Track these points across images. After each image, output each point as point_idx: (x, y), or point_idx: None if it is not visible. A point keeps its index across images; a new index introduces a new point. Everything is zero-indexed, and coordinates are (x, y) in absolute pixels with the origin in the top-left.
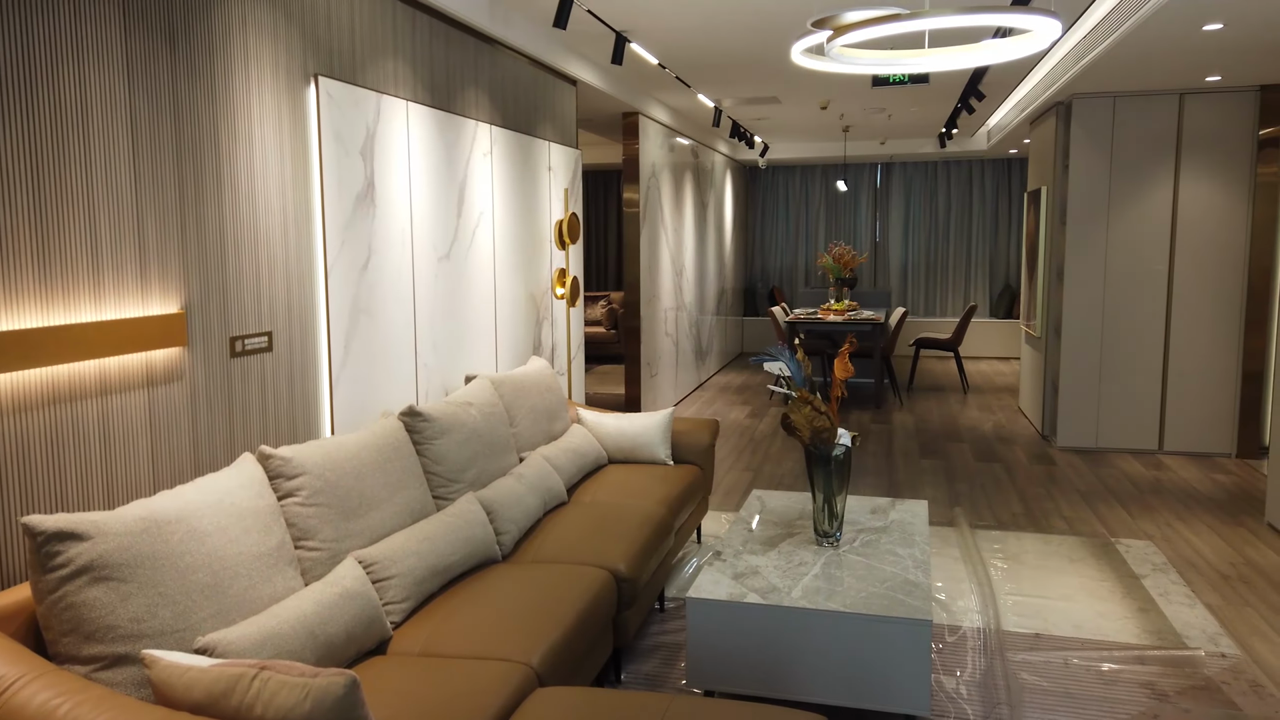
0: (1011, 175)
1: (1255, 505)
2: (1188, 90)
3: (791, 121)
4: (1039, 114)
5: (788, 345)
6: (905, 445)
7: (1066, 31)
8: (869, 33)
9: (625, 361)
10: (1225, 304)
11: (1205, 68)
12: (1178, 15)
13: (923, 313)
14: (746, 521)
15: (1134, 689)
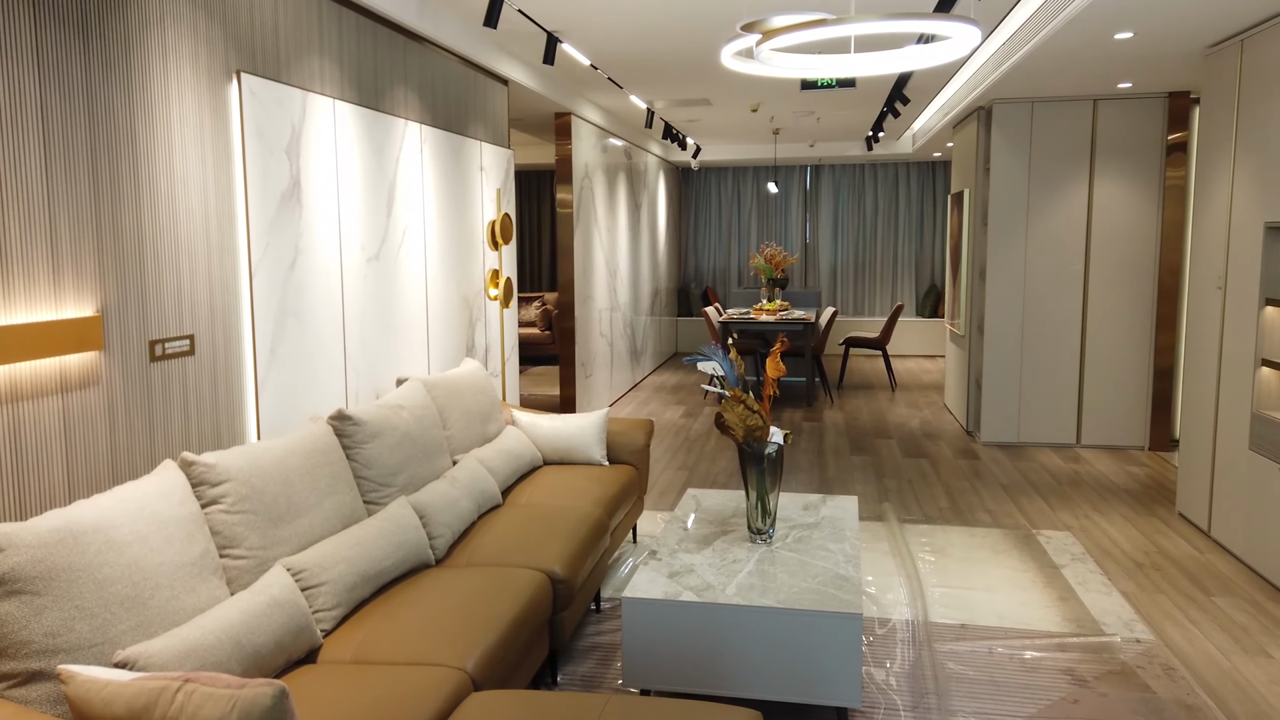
0: (936, 178)
1: (1167, 496)
2: (1101, 96)
3: (723, 123)
4: (961, 118)
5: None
6: (836, 442)
7: (986, 39)
8: (796, 37)
9: (560, 362)
10: (1138, 303)
11: (1117, 75)
12: (1090, 24)
13: (852, 312)
14: (682, 520)
15: (1055, 675)
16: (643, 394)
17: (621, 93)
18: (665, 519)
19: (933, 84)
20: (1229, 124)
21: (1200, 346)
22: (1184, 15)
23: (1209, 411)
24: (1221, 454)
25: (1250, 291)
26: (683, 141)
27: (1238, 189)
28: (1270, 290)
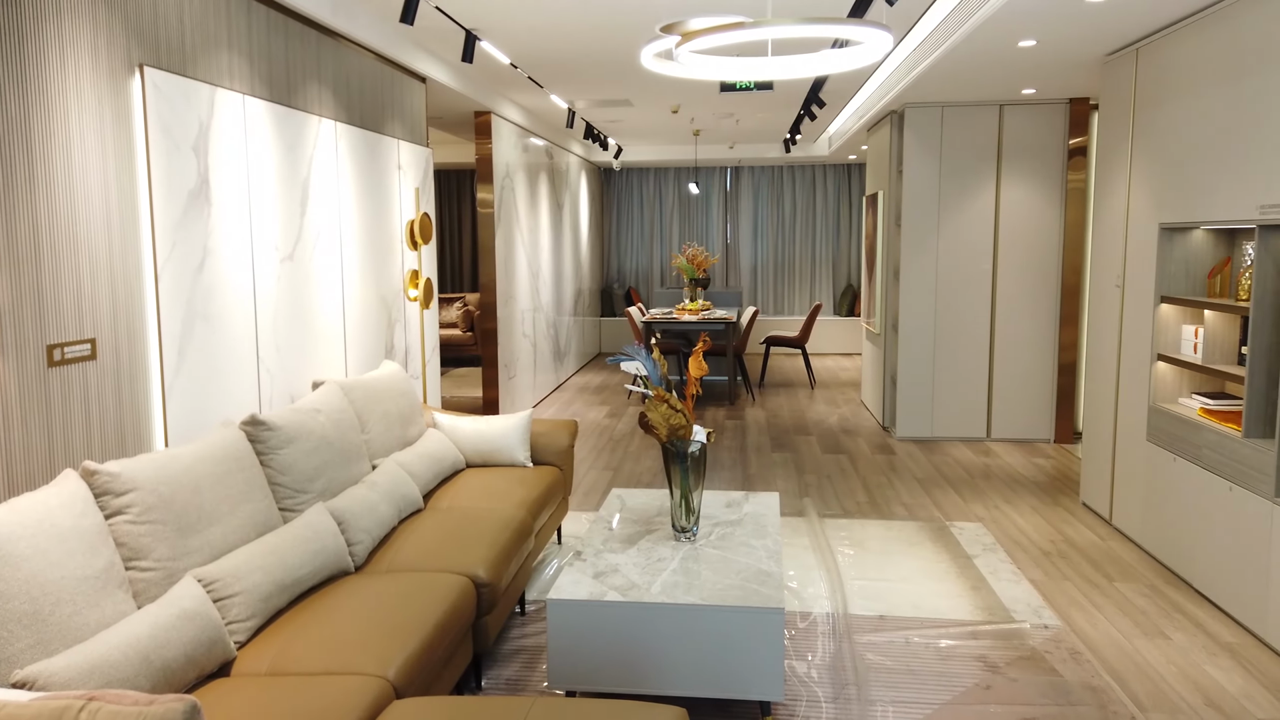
0: (851, 180)
1: (1071, 486)
2: (1007, 102)
3: (644, 124)
4: (875, 122)
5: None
6: (758, 440)
7: (897, 44)
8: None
9: (482, 364)
10: (1042, 301)
11: (1021, 81)
12: (995, 31)
13: (772, 311)
14: (607, 520)
15: (969, 663)
16: (567, 394)
17: (542, 92)
18: (590, 519)
19: (848, 88)
20: (1126, 129)
21: (1101, 343)
22: (1083, 24)
23: (1109, 405)
24: (1121, 445)
25: (1146, 290)
26: (604, 142)
27: (1134, 192)
28: (1165, 288)
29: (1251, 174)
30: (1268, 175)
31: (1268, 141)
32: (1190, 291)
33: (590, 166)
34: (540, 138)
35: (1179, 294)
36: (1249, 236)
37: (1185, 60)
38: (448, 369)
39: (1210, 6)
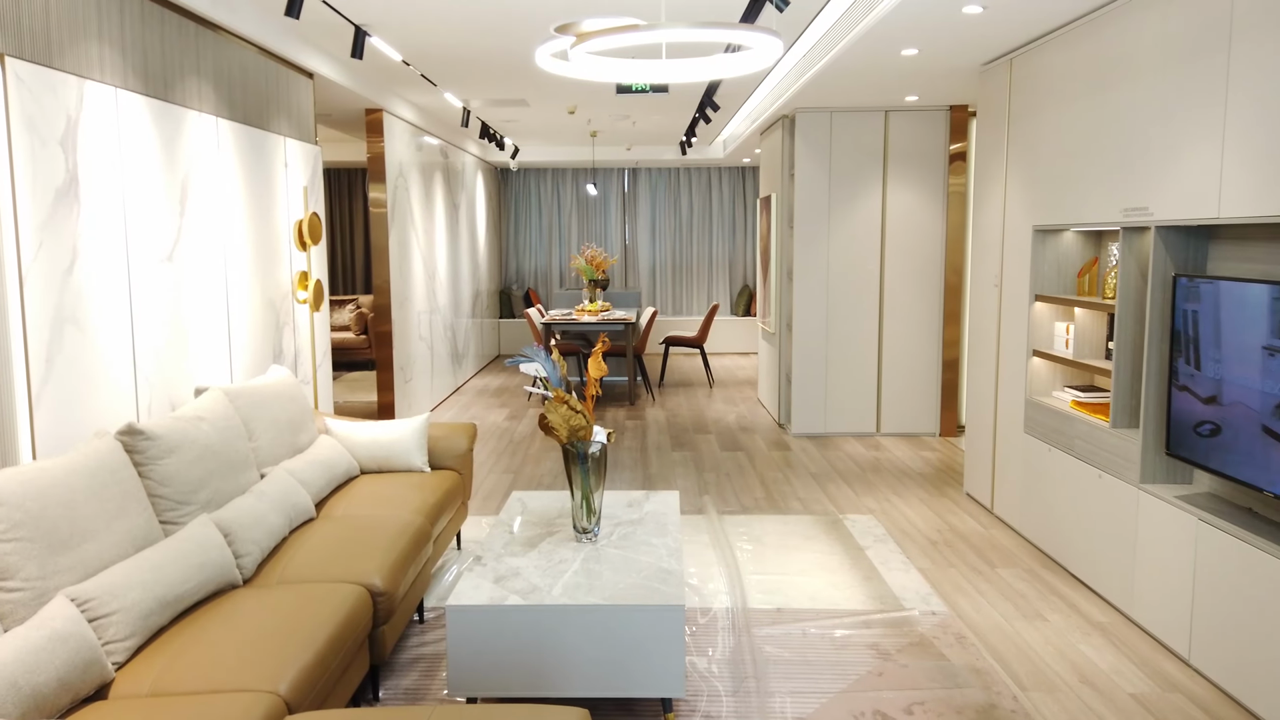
0: (746, 182)
1: (956, 478)
2: (891, 108)
3: (541, 125)
4: (767, 125)
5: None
6: (658, 439)
7: (787, 50)
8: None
9: (377, 367)
10: (927, 300)
11: (904, 88)
12: (879, 40)
13: (671, 312)
14: (507, 524)
15: (862, 651)
16: (465, 397)
17: (436, 90)
18: (491, 523)
19: (741, 92)
20: (1002, 135)
21: (981, 339)
22: (960, 35)
23: (989, 399)
24: (1001, 437)
25: (1022, 288)
26: (500, 142)
27: (1010, 195)
28: (1039, 287)
29: (1115, 179)
30: (1130, 180)
31: (1129, 148)
32: (1061, 290)
33: (487, 166)
34: (435, 136)
35: (1051, 292)
36: (1114, 238)
37: (1054, 71)
38: (340, 373)
39: (1075, 21)
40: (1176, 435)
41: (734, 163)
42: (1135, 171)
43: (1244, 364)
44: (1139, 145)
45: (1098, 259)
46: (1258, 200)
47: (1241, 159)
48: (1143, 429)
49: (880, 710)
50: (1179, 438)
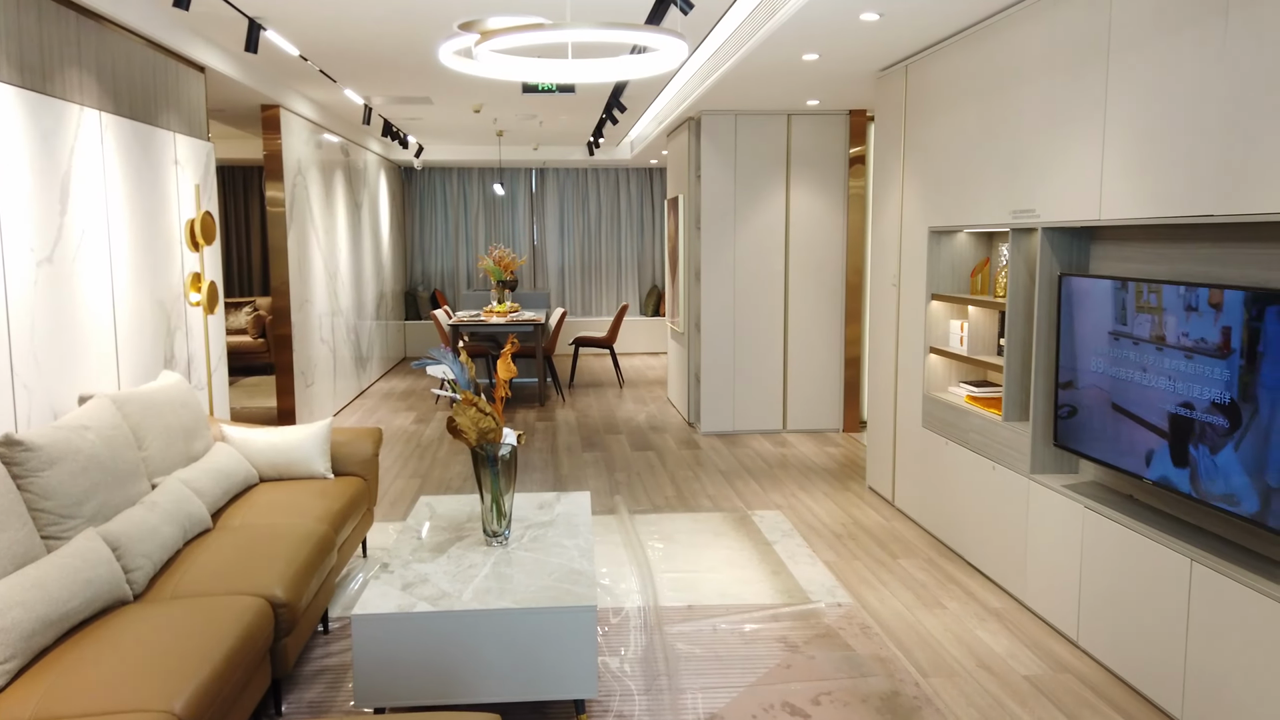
0: (654, 183)
1: (859, 472)
2: (794, 112)
3: (446, 123)
4: (674, 127)
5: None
6: (568, 440)
7: (692, 53)
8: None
9: (277, 372)
10: (829, 299)
11: (806, 92)
12: (782, 45)
13: (580, 313)
14: (415, 529)
15: (771, 644)
16: (370, 401)
17: (336, 86)
18: (398, 529)
19: (648, 94)
20: (898, 139)
21: (880, 337)
22: (858, 41)
23: (889, 395)
24: (901, 432)
25: (919, 288)
26: (404, 140)
27: (906, 197)
28: (935, 286)
29: (1005, 182)
30: (1018, 184)
31: (1017, 153)
32: (956, 289)
33: (390, 165)
34: (335, 134)
35: (947, 292)
36: (1005, 239)
37: (947, 77)
38: (237, 378)
39: (966, 30)
40: (1063, 427)
41: (642, 164)
42: (1023, 175)
43: (1096, 351)
44: (1026, 150)
45: (989, 259)
46: (1134, 204)
47: (1119, 164)
48: (1032, 422)
49: (789, 702)
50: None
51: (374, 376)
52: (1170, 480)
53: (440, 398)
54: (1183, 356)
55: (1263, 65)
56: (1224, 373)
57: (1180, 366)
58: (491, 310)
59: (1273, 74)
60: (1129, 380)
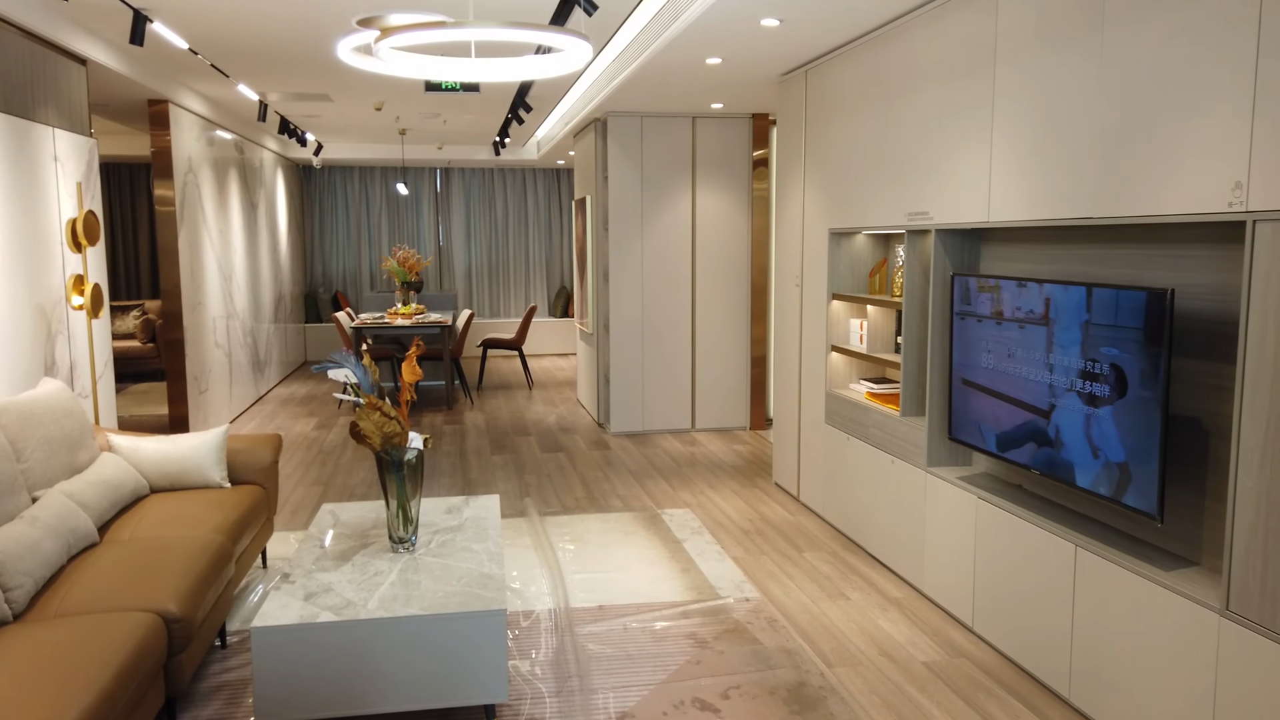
0: (561, 184)
1: (766, 469)
2: (699, 115)
3: (346, 121)
4: (580, 128)
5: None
6: (477, 443)
7: (597, 54)
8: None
9: (168, 378)
10: (735, 299)
11: (710, 96)
12: (685, 48)
13: (488, 314)
14: (318, 538)
15: (681, 641)
16: (269, 407)
17: (229, 82)
18: (299, 539)
19: (554, 94)
20: (799, 143)
21: (785, 336)
22: (760, 46)
23: (794, 392)
24: (805, 428)
25: (821, 288)
26: (302, 138)
27: (808, 200)
28: (836, 286)
29: (900, 185)
30: (913, 187)
31: (912, 157)
32: (855, 289)
33: (288, 163)
34: (229, 131)
35: (847, 291)
36: (901, 240)
37: (845, 83)
38: (126, 385)
39: (863, 36)
40: (956, 421)
41: (548, 164)
42: (917, 179)
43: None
44: (920, 154)
45: (886, 260)
46: (1020, 207)
47: (1006, 169)
48: (928, 416)
49: (699, 697)
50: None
51: (272, 381)
52: (1047, 469)
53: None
54: (1057, 352)
55: (1135, 78)
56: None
57: (1055, 361)
58: (396, 312)
59: (1143, 86)
60: (1011, 375)
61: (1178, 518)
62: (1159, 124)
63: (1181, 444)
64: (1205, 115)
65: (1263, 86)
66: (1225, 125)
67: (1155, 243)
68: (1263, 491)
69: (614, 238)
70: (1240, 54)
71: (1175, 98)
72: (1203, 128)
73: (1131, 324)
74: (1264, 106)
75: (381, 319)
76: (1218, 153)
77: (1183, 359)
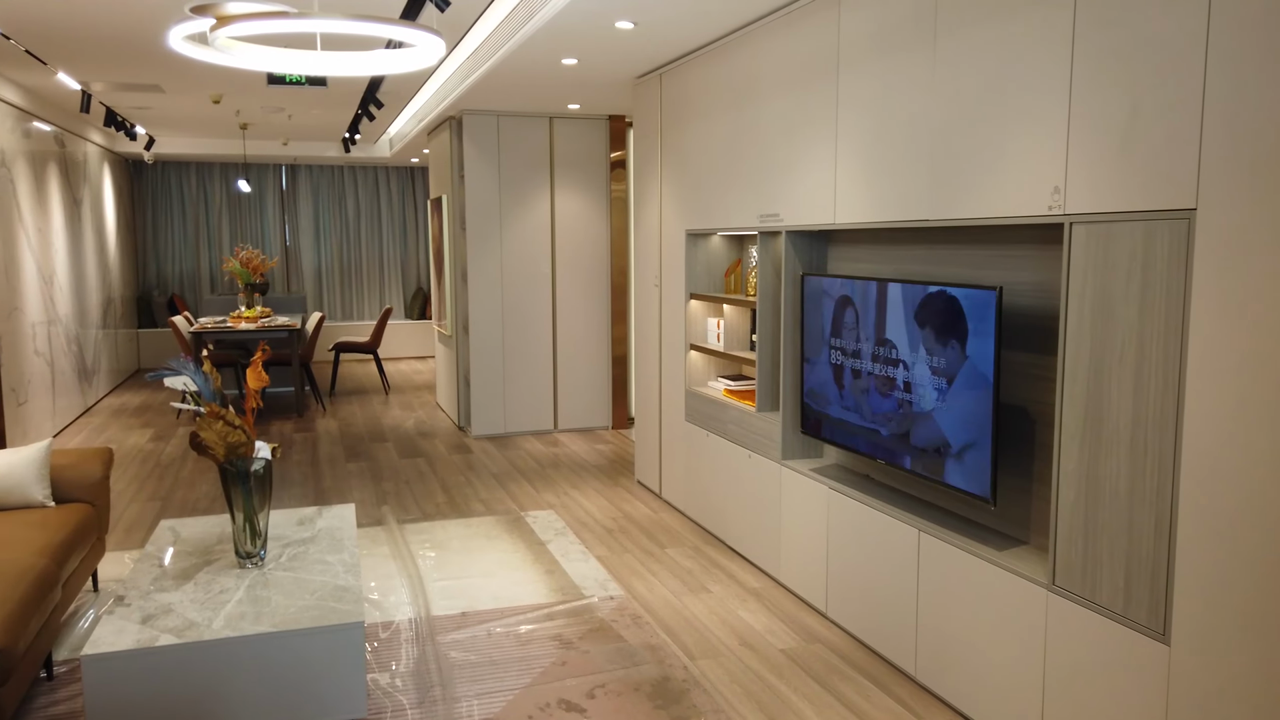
0: (416, 182)
1: (628, 467)
2: (556, 115)
3: (181, 113)
4: (435, 126)
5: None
6: (331, 451)
7: (451, 51)
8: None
9: None
10: (596, 299)
11: (567, 96)
12: (540, 48)
13: (341, 317)
14: (156, 557)
15: (546, 643)
16: (99, 419)
17: (46, 69)
18: (135, 558)
19: (407, 90)
20: (655, 145)
21: (645, 336)
22: (614, 48)
23: (655, 391)
24: (666, 426)
25: (679, 288)
26: (131, 131)
27: (665, 201)
28: (693, 286)
29: (753, 188)
30: (764, 189)
31: (763, 161)
32: (712, 289)
33: (116, 158)
34: (48, 123)
35: (704, 291)
36: (754, 241)
37: (699, 86)
38: None
39: (715, 42)
40: (808, 415)
41: (402, 162)
42: (769, 182)
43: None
44: (771, 158)
45: (741, 260)
46: (863, 209)
47: (850, 173)
48: (782, 412)
49: (564, 698)
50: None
51: (102, 391)
52: (891, 458)
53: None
54: (898, 347)
55: (964, 89)
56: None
57: (895, 356)
58: (239, 316)
59: (972, 97)
60: (856, 370)
61: (1009, 501)
62: (987, 132)
63: (1011, 431)
64: (1027, 125)
65: (1077, 98)
66: (1045, 134)
67: (987, 244)
68: (1082, 474)
69: (472, 238)
70: (1057, 68)
71: (1000, 108)
72: (1025, 136)
73: (965, 320)
74: (1078, 117)
75: (224, 323)
76: (1038, 159)
77: (1011, 352)
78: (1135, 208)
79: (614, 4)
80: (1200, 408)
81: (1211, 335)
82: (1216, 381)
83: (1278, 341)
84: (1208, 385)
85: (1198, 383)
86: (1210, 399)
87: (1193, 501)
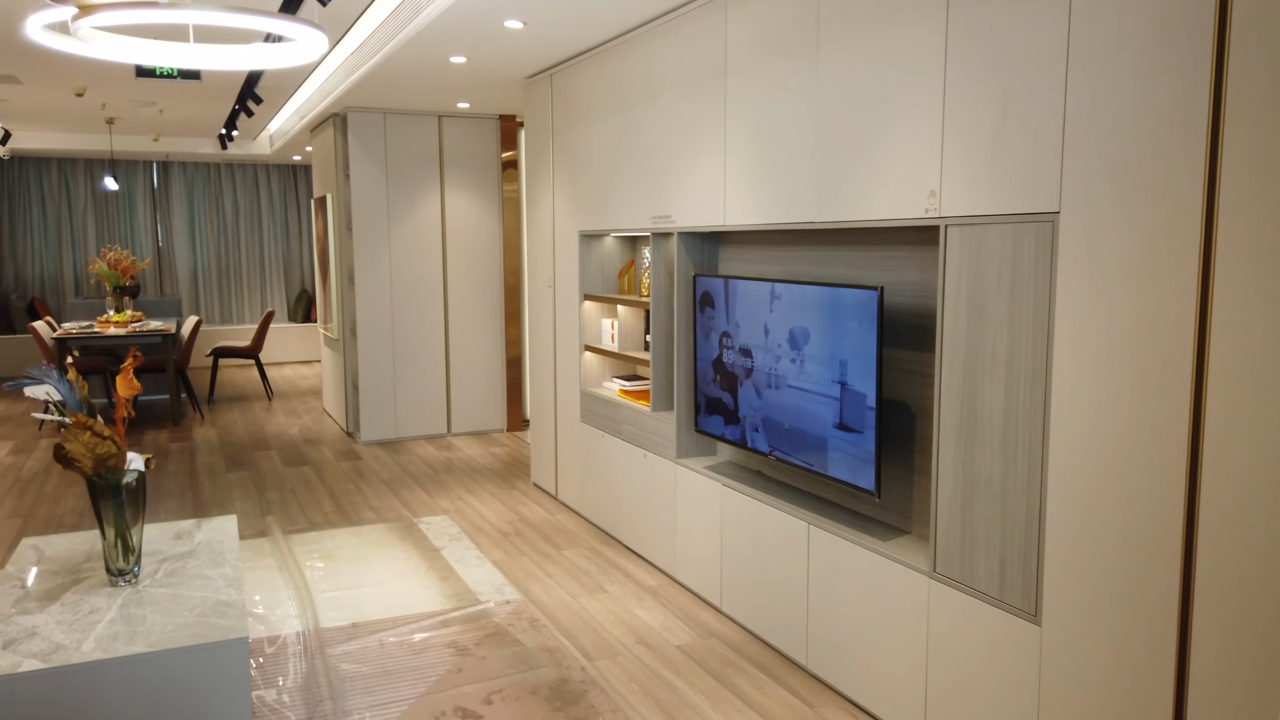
0: (298, 181)
1: (524, 470)
2: (445, 114)
3: (40, 106)
4: (318, 123)
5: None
6: (210, 460)
7: (334, 46)
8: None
9: None
10: (489, 300)
11: (456, 95)
12: (428, 45)
13: (219, 320)
14: (18, 577)
15: (441, 651)
16: None
17: None
18: None
19: (287, 85)
20: (547, 146)
21: (540, 337)
22: (503, 47)
23: (550, 392)
24: (562, 428)
25: (573, 289)
26: None
27: (558, 202)
28: (587, 287)
29: (645, 189)
30: (656, 191)
31: (655, 162)
32: (606, 289)
33: None
34: None
35: (598, 292)
36: (647, 242)
37: (591, 87)
38: None
39: (606, 43)
40: (701, 413)
41: (284, 160)
42: (660, 183)
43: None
44: (663, 160)
45: (634, 261)
46: (751, 211)
47: (739, 176)
48: (676, 411)
49: (461, 705)
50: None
51: None
52: (781, 453)
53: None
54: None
55: (846, 94)
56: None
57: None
58: (108, 320)
59: (853, 103)
60: (746, 368)
61: (893, 493)
62: (867, 137)
63: (894, 426)
64: (905, 130)
65: (951, 105)
66: (921, 140)
67: (870, 245)
68: (959, 465)
69: (359, 238)
70: (932, 76)
71: (880, 114)
72: (903, 141)
73: (848, 319)
74: (952, 124)
75: (90, 328)
76: (916, 164)
77: (893, 349)
78: (1005, 211)
79: (503, 3)
80: (1064, 400)
81: (1073, 332)
82: (1078, 375)
83: (1133, 336)
84: (1070, 379)
85: (1061, 377)
86: (1072, 392)
87: (1060, 490)
